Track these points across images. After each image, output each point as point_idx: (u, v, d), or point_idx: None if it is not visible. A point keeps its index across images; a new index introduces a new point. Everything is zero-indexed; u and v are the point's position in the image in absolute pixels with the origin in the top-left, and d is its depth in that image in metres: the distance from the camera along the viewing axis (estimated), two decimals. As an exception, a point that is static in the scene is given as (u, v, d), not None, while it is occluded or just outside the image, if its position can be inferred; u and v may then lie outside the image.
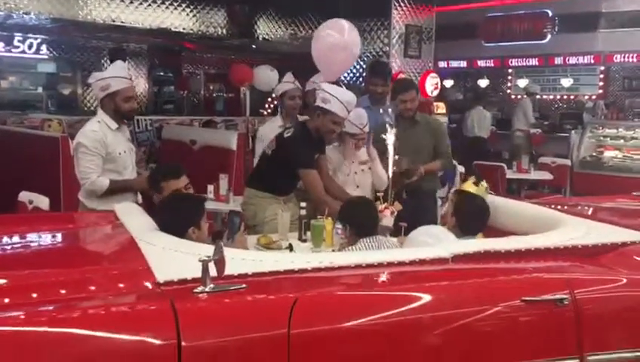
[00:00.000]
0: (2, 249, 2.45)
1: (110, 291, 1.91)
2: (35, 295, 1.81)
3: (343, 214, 3.15)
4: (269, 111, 10.64)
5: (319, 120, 3.76)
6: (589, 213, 3.68)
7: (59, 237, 2.66)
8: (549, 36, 10.78)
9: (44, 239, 2.58)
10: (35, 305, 1.73)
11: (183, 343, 1.69)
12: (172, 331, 1.70)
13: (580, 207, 3.86)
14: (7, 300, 1.78)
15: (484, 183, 3.30)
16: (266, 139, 4.25)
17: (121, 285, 1.96)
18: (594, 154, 9.08)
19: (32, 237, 2.57)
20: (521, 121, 10.31)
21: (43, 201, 3.96)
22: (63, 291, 1.85)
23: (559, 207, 3.70)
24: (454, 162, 6.27)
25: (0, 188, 5.97)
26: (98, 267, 2.22)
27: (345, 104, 3.72)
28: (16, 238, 2.54)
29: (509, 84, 13.83)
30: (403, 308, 2.05)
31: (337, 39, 4.54)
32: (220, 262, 1.88)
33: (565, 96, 12.94)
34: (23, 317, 1.66)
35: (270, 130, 4.36)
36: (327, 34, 4.61)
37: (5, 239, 2.48)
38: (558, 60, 11.36)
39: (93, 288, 1.91)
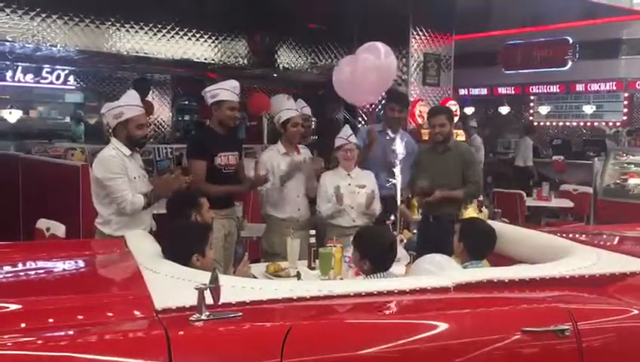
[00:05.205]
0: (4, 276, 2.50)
1: (108, 318, 1.93)
2: (27, 323, 1.84)
3: (361, 243, 2.98)
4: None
5: (217, 113, 4.16)
6: (610, 241, 3.61)
7: (67, 264, 2.69)
8: (569, 63, 10.72)
9: (52, 266, 2.61)
10: (32, 332, 1.76)
11: (175, 370, 1.71)
12: (164, 359, 1.72)
13: (604, 236, 3.78)
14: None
15: (472, 207, 3.41)
16: (266, 166, 4.33)
17: (120, 312, 1.98)
18: (618, 181, 8.91)
19: (40, 264, 2.61)
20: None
21: (59, 228, 4.04)
22: (63, 317, 1.88)
23: (581, 235, 3.63)
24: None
25: (24, 216, 6.13)
26: (99, 294, 2.24)
27: (231, 89, 4.15)
28: (22, 265, 2.59)
29: (531, 111, 13.75)
30: (400, 338, 2.03)
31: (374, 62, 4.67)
32: (215, 290, 1.90)
33: (589, 123, 12.79)
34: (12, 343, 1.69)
35: (268, 157, 4.42)
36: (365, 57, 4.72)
37: (8, 267, 2.53)
38: (579, 87, 11.29)
39: (92, 315, 1.92)
